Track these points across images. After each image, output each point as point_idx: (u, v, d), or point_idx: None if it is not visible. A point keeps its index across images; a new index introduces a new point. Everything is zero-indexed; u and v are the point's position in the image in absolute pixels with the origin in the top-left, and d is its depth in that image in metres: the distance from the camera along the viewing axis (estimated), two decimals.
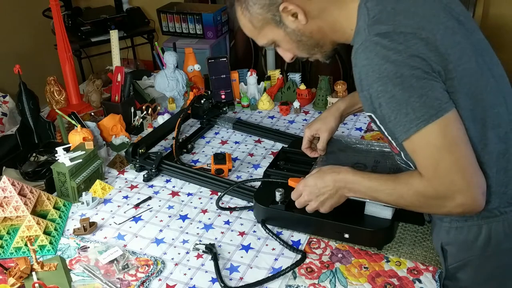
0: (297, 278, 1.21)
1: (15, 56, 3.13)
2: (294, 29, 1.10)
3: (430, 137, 0.97)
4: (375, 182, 1.12)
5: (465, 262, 1.14)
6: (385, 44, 0.96)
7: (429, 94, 0.96)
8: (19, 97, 1.77)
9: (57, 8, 1.92)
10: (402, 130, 0.99)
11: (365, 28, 1.01)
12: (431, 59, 0.96)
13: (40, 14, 3.23)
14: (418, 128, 0.97)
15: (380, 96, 0.99)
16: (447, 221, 1.14)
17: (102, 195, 1.54)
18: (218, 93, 2.05)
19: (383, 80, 0.97)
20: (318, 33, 1.11)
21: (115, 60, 2.08)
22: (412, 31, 0.97)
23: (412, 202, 1.07)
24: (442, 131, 0.97)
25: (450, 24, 1.02)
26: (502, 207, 1.07)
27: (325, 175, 1.21)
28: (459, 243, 1.13)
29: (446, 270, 1.18)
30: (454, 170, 0.97)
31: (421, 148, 0.99)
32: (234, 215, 1.44)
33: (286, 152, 1.60)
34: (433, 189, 1.00)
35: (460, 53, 1.00)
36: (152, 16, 3.33)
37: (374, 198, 1.16)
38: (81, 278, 1.24)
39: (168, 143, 1.83)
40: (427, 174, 1.00)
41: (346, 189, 1.18)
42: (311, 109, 2.01)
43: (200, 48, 2.89)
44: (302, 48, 1.15)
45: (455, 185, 0.98)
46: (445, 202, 1.00)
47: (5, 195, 1.36)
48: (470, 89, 1.00)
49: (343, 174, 1.18)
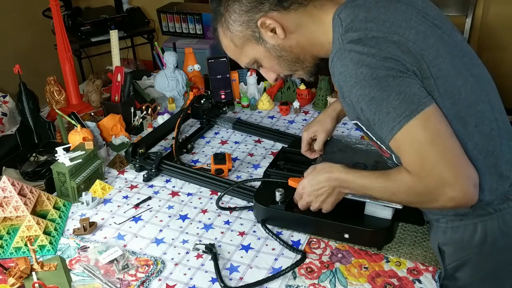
0: (297, 278, 1.21)
1: (15, 56, 3.13)
2: (274, 44, 1.12)
3: (413, 132, 0.98)
4: (366, 181, 1.12)
5: (462, 261, 1.15)
6: (358, 50, 0.99)
7: (407, 90, 0.97)
8: (19, 97, 1.77)
9: (57, 8, 1.92)
10: (386, 130, 1.00)
11: (338, 37, 1.04)
12: (405, 60, 0.98)
13: (40, 14, 3.23)
14: (401, 126, 0.98)
15: (360, 100, 1.00)
16: (443, 221, 1.14)
17: (102, 195, 1.54)
18: (218, 93, 2.05)
19: (360, 83, 0.98)
20: (297, 47, 1.13)
21: (115, 60, 2.08)
22: (383, 35, 0.99)
23: (405, 198, 1.08)
24: (424, 125, 0.97)
25: (422, 28, 1.04)
26: (496, 204, 1.08)
27: (319, 175, 1.22)
28: (455, 242, 1.14)
29: (445, 270, 1.19)
30: (440, 163, 0.97)
31: (405, 144, 1.00)
32: (234, 215, 1.44)
33: (286, 152, 1.60)
34: (422, 185, 1.00)
35: (434, 54, 1.01)
36: (152, 16, 3.33)
37: (368, 195, 1.18)
38: (81, 278, 1.24)
39: (168, 143, 1.83)
40: (414, 170, 1.01)
41: (342, 187, 1.19)
42: (311, 109, 2.01)
43: (200, 48, 2.89)
44: (283, 64, 1.16)
45: (443, 178, 0.97)
46: (436, 196, 1.00)
47: (5, 195, 1.36)
48: (448, 89, 1.01)
49: (335, 173, 1.18)
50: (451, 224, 1.13)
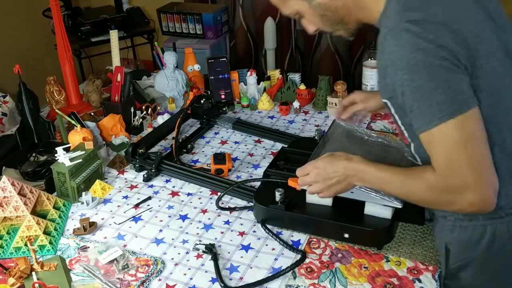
0: (297, 278, 1.21)
1: (15, 56, 3.13)
2: (320, 3, 1.10)
3: (450, 131, 0.96)
4: (386, 174, 1.11)
5: (467, 261, 1.14)
6: (415, 32, 0.95)
7: (456, 87, 0.94)
8: (19, 97, 1.77)
9: (57, 8, 1.92)
10: (422, 122, 0.98)
11: (395, 13, 1.00)
12: (459, 53, 0.95)
13: (40, 14, 3.23)
14: (439, 122, 0.96)
15: (405, 85, 0.97)
16: (451, 219, 1.13)
17: (102, 195, 1.54)
18: (218, 93, 2.05)
19: (410, 68, 0.95)
20: (343, 9, 1.10)
21: (115, 60, 2.08)
22: (443, 22, 0.95)
23: (422, 196, 1.06)
24: (462, 126, 0.96)
25: (480, 18, 1.00)
26: (507, 208, 1.07)
27: (337, 161, 1.19)
28: (462, 242, 1.13)
29: (447, 269, 1.18)
30: (466, 166, 0.96)
31: (439, 141, 0.98)
32: (234, 215, 1.44)
33: (286, 152, 1.60)
34: (444, 183, 0.99)
35: (488, 50, 0.98)
36: (152, 16, 3.33)
37: (383, 190, 1.16)
38: (81, 278, 1.24)
39: (168, 143, 1.83)
40: (441, 167, 0.99)
41: (356, 178, 1.16)
42: (311, 109, 2.01)
43: (200, 48, 2.88)
44: (325, 22, 1.14)
45: (466, 181, 0.97)
46: (455, 199, 0.99)
47: (5, 195, 1.36)
48: (492, 89, 0.99)
49: (355, 162, 1.16)
50: (459, 223, 1.11)
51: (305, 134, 1.83)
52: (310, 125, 1.89)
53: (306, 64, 3.20)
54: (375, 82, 2.06)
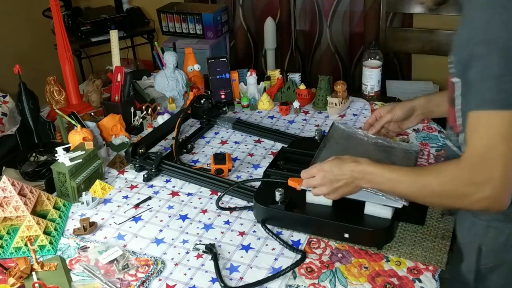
0: (297, 278, 1.21)
1: (15, 56, 3.12)
2: None
3: (497, 121, 0.94)
4: (395, 174, 1.11)
5: (500, 263, 1.12)
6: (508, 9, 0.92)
7: None
8: (19, 97, 1.77)
9: (57, 8, 1.92)
10: (476, 101, 0.96)
11: None
12: None
13: (40, 14, 3.23)
14: (493, 108, 0.94)
15: (478, 59, 0.95)
16: (485, 219, 1.11)
17: (102, 195, 1.54)
18: (218, 93, 2.05)
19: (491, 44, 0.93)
20: None
21: (115, 60, 2.08)
22: None
23: (437, 190, 1.04)
24: (511, 122, 0.94)
25: None
26: None
27: (344, 164, 1.19)
28: (498, 244, 1.11)
29: (477, 270, 1.15)
30: (500, 161, 0.95)
31: (484, 126, 0.96)
32: (234, 215, 1.44)
33: (286, 152, 1.60)
34: (469, 174, 0.98)
35: None
36: (152, 16, 3.33)
37: (393, 190, 1.15)
38: (81, 278, 1.24)
39: (168, 143, 1.83)
40: (474, 154, 0.98)
41: (364, 180, 1.16)
42: (311, 109, 2.01)
43: (200, 48, 2.88)
44: None
45: (492, 175, 0.95)
46: (473, 191, 0.98)
47: (5, 195, 1.36)
48: None
49: (362, 165, 1.16)
50: (495, 224, 1.10)
51: (305, 134, 1.83)
52: (310, 125, 1.89)
53: (306, 64, 3.20)
54: (375, 82, 2.06)
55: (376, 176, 1.14)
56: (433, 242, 1.29)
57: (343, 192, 1.21)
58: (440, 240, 1.29)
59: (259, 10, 3.14)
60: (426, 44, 2.69)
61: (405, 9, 2.72)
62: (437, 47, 2.67)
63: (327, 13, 3.01)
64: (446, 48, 2.86)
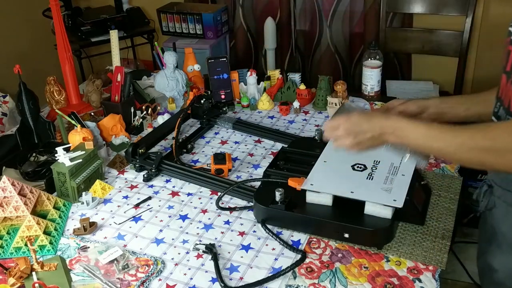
0: (297, 278, 1.21)
1: (15, 56, 3.12)
2: None
3: None
4: (433, 131, 1.07)
5: None
6: None
7: None
8: (19, 97, 1.77)
9: (57, 8, 1.92)
10: None
11: None
12: None
13: (40, 14, 3.23)
14: None
15: None
16: None
17: (102, 195, 1.54)
18: (218, 93, 2.05)
19: None
20: None
21: (115, 60, 2.08)
22: None
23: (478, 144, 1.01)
24: None
25: None
26: None
27: (373, 117, 1.16)
28: None
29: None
30: None
31: None
32: (234, 215, 1.44)
33: (286, 152, 1.60)
34: None
35: None
36: (152, 16, 3.33)
37: (426, 144, 1.09)
38: (81, 278, 1.24)
39: (168, 143, 1.83)
40: None
41: (394, 135, 1.12)
42: (311, 109, 2.01)
43: (200, 48, 2.88)
44: None
45: None
46: None
47: (5, 195, 1.36)
48: None
49: (393, 120, 1.13)
50: None
51: (305, 134, 1.83)
52: (310, 125, 1.89)
53: (306, 64, 3.20)
54: (375, 82, 2.06)
55: (409, 131, 1.10)
56: (433, 242, 1.29)
57: (367, 145, 1.16)
58: (440, 240, 1.29)
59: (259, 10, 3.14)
60: (426, 44, 2.69)
61: (405, 9, 2.72)
62: (437, 47, 2.67)
63: (327, 13, 3.01)
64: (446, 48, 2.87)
